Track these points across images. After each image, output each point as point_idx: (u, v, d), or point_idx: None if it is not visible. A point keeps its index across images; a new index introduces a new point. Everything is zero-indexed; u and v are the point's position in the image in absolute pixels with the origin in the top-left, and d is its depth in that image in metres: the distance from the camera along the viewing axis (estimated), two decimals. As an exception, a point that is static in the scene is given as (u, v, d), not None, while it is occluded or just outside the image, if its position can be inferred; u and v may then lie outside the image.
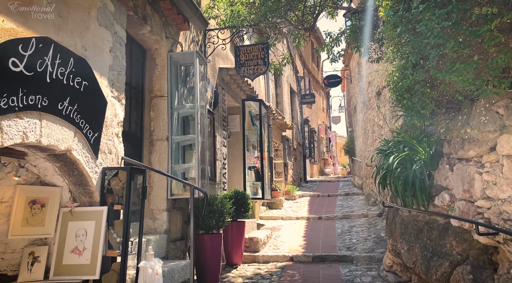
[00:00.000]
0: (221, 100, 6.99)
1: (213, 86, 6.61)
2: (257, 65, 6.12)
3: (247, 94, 8.37)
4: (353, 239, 7.14)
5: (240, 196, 6.33)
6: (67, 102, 2.73)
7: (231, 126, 8.27)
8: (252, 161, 8.57)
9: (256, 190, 8.37)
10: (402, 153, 4.44)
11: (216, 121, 6.63)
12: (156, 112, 4.76)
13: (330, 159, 23.50)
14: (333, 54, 7.58)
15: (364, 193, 12.48)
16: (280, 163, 12.50)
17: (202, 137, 4.99)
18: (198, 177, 4.61)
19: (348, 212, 9.59)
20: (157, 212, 4.58)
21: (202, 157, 5.02)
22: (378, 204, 9.74)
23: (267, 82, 11.67)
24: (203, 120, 5.08)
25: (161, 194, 4.60)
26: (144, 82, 4.81)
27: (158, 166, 4.66)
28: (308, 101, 16.92)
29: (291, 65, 15.73)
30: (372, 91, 10.88)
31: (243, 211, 6.32)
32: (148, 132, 4.75)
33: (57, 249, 3.05)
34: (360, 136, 13.65)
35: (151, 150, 4.71)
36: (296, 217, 9.36)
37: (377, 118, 10.14)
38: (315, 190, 14.20)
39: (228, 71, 7.05)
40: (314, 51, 22.64)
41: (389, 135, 8.59)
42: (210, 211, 5.08)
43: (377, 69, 8.69)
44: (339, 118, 24.43)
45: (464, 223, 3.50)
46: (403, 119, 7.30)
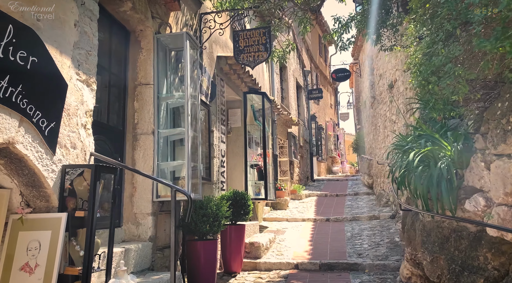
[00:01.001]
0: (220, 92, 6.39)
1: (210, 76, 6.01)
2: (258, 51, 5.50)
3: (249, 86, 7.75)
4: (364, 244, 6.50)
5: (239, 197, 5.73)
6: (5, 81, 2.14)
7: (232, 121, 7.67)
8: (254, 158, 7.97)
9: (259, 190, 7.77)
10: (424, 149, 3.80)
11: (214, 115, 6.03)
12: (140, 102, 4.17)
13: (338, 157, 22.78)
14: (343, 41, 6.93)
15: (374, 192, 11.81)
16: (285, 161, 11.88)
17: (193, 131, 4.39)
18: (188, 177, 4.01)
19: (358, 213, 8.95)
20: (141, 216, 4.00)
21: (194, 154, 4.43)
22: (390, 205, 9.09)
23: (272, 75, 11.04)
24: (195, 112, 4.49)
25: (145, 196, 4.01)
26: (128, 68, 4.22)
27: (142, 163, 4.07)
28: (316, 96, 16.24)
29: (297, 59, 15.07)
30: (383, 84, 10.22)
31: (242, 214, 5.72)
32: (131, 125, 4.16)
33: (3, 267, 2.47)
34: (370, 132, 12.97)
35: (134, 145, 4.12)
36: (302, 218, 8.74)
37: (389, 112, 9.48)
38: (323, 190, 13.56)
39: (227, 60, 6.44)
40: (321, 46, 21.93)
41: (402, 131, 7.94)
42: (204, 214, 4.49)
43: (396, 51, 8.03)
44: (347, 115, 23.70)
45: (506, 234, 2.87)
46: (419, 113, 6.66)
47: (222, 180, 6.19)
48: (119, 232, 3.90)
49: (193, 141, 4.43)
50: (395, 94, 8.79)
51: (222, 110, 6.45)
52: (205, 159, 5.18)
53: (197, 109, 4.48)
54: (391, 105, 9.15)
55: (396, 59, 8.50)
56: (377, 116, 11.39)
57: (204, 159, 5.14)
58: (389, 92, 9.48)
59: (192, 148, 4.46)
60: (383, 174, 10.52)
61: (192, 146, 4.45)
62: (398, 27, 6.92)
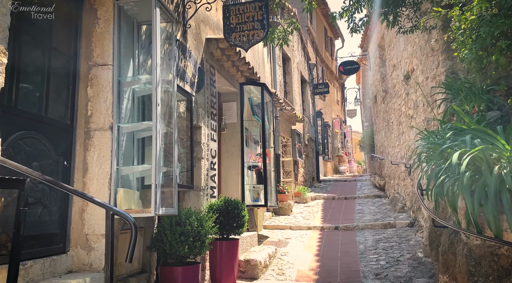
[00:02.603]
0: (209, 81, 5.40)
1: (197, 61, 5.03)
2: (253, 29, 4.50)
3: (246, 76, 6.76)
4: (381, 260, 5.49)
5: (232, 207, 4.75)
6: None
7: (227, 116, 6.69)
8: (253, 159, 6.98)
9: (258, 195, 6.78)
10: (474, 149, 2.78)
11: (201, 108, 5.05)
12: (96, 88, 3.20)
13: (345, 156, 21.71)
14: (354, 22, 5.93)
15: (387, 195, 10.79)
16: (289, 161, 10.87)
17: (166, 125, 3.41)
18: (157, 185, 3.03)
19: (370, 220, 7.93)
20: (94, 238, 3.02)
21: (169, 155, 3.45)
22: (407, 210, 8.06)
23: (274, 67, 10.03)
24: (169, 101, 3.50)
25: (100, 211, 3.04)
26: (80, 44, 3.24)
27: (97, 168, 3.10)
28: (322, 91, 15.19)
29: (302, 51, 14.04)
30: (397, 75, 9.19)
31: (235, 227, 4.74)
32: (83, 118, 3.19)
33: None
34: (382, 129, 11.93)
35: (87, 145, 3.15)
36: (308, 226, 7.74)
37: (405, 106, 8.45)
38: (330, 192, 12.54)
39: (218, 44, 5.45)
40: (327, 39, 20.88)
41: (422, 126, 6.93)
42: (182, 233, 3.51)
43: (414, 35, 7.04)
44: (354, 112, 22.59)
45: None
46: (445, 105, 5.64)
47: (212, 185, 5.21)
48: (64, 260, 2.93)
49: (166, 138, 3.46)
50: (412, 85, 7.76)
51: (212, 102, 5.46)
52: (186, 161, 4.19)
53: (173, 98, 3.49)
54: (408, 98, 8.12)
55: (414, 45, 7.46)
56: (390, 111, 10.35)
57: (185, 161, 4.15)
58: (404, 84, 8.45)
59: (168, 148, 3.48)
60: (397, 175, 9.49)
61: (166, 146, 3.47)
62: (419, 5, 5.90)
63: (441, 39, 5.81)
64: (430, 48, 6.36)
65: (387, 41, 10.47)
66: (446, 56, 5.77)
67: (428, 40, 6.41)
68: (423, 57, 6.84)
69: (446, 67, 5.76)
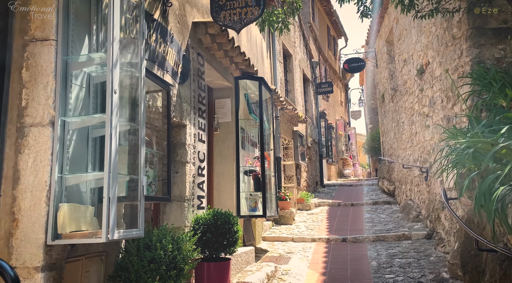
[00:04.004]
0: (196, 72, 4.62)
1: (181, 48, 4.25)
2: (246, 6, 3.72)
3: (242, 69, 5.98)
4: (399, 281, 4.67)
5: (222, 221, 3.95)
6: None
7: (220, 114, 5.90)
8: (249, 163, 6.19)
9: (255, 204, 5.98)
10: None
11: (186, 102, 4.27)
12: (33, 70, 2.41)
13: (350, 159, 20.86)
14: (365, 5, 5.15)
15: (397, 201, 9.96)
16: (290, 164, 10.06)
17: (130, 120, 2.62)
18: (111, 199, 2.23)
19: (382, 230, 7.11)
20: (25, 273, 2.23)
21: (134, 159, 2.66)
22: (423, 220, 7.24)
23: (274, 63, 9.25)
24: (132, 89, 2.72)
25: (33, 235, 2.25)
26: (12, 14, 2.47)
27: (31, 177, 2.31)
28: (325, 90, 14.38)
29: (304, 48, 13.27)
30: (409, 71, 8.40)
31: (226, 245, 3.93)
32: (15, 110, 2.40)
33: None
34: (391, 130, 11.11)
35: (19, 145, 2.36)
36: (312, 238, 6.92)
37: (419, 104, 7.65)
38: (335, 197, 11.72)
39: (207, 28, 4.67)
40: (330, 38, 20.11)
41: (439, 126, 6.13)
42: (151, 259, 2.71)
43: (430, 22, 6.29)
44: (359, 113, 21.76)
45: None
46: (472, 99, 4.84)
47: (200, 194, 4.41)
48: (-18, 304, 2.13)
49: (130, 137, 2.67)
50: (427, 80, 6.97)
51: (200, 97, 4.68)
52: (160, 166, 3.38)
53: (139, 85, 2.70)
54: (422, 95, 7.32)
55: (430, 35, 6.66)
56: (400, 110, 9.55)
57: (159, 166, 3.35)
58: (418, 80, 7.66)
59: (133, 150, 2.69)
60: (410, 180, 8.67)
61: (131, 147, 2.68)
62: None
63: (465, 23, 5.02)
64: (451, 36, 5.56)
65: (396, 35, 9.68)
66: (471, 43, 4.96)
67: (448, 27, 5.62)
68: (441, 48, 6.04)
69: (472, 56, 4.95)
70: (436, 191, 6.35)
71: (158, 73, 3.67)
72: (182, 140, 4.17)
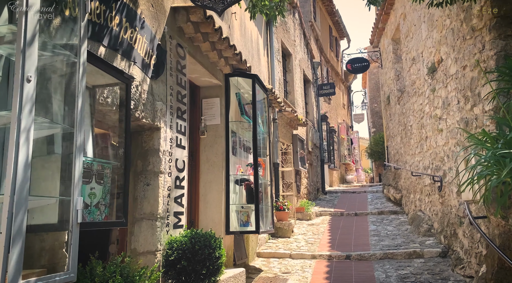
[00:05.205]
0: (175, 65, 3.93)
1: (156, 37, 3.57)
2: (229, -17, 3.03)
3: (233, 65, 5.30)
4: (414, 313, 3.95)
5: (201, 244, 3.24)
6: None
7: (207, 116, 5.20)
8: (241, 171, 5.49)
9: (247, 218, 5.27)
10: None
11: (160, 101, 3.57)
12: None
13: (353, 164, 20.13)
14: (373, -10, 4.46)
15: (404, 211, 9.23)
16: (289, 171, 9.35)
17: (62, 121, 1.93)
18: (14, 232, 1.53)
19: (390, 246, 6.38)
20: None
21: (65, 174, 1.96)
22: (435, 234, 6.51)
23: (271, 61, 8.56)
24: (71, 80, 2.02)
25: None
26: None
27: None
28: (327, 92, 13.68)
29: (304, 48, 12.59)
30: (418, 70, 7.70)
31: (206, 275, 3.22)
32: None
33: None
34: (397, 134, 10.40)
35: None
36: (312, 254, 6.20)
37: (430, 106, 6.95)
38: (337, 206, 10.99)
39: (188, 15, 3.99)
40: (332, 39, 19.44)
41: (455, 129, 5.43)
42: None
43: (444, 12, 5.60)
44: (362, 116, 21.04)
45: None
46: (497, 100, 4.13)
47: (177, 210, 3.70)
48: None
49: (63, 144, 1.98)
50: (439, 79, 6.26)
51: (180, 95, 3.98)
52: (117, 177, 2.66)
53: (77, 74, 2.00)
54: (434, 96, 6.61)
55: (443, 29, 5.95)
56: (408, 113, 8.85)
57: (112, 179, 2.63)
58: (428, 79, 6.95)
59: (65, 160, 2.00)
60: (419, 189, 7.95)
61: (63, 156, 1.99)
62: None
63: (488, 12, 4.33)
64: (470, 28, 4.85)
65: (403, 32, 8.99)
66: (496, 34, 4.25)
67: (466, 18, 4.92)
68: (458, 42, 5.33)
69: (497, 49, 4.24)
70: (452, 204, 5.63)
71: (122, 63, 2.99)
72: (155, 146, 3.48)
